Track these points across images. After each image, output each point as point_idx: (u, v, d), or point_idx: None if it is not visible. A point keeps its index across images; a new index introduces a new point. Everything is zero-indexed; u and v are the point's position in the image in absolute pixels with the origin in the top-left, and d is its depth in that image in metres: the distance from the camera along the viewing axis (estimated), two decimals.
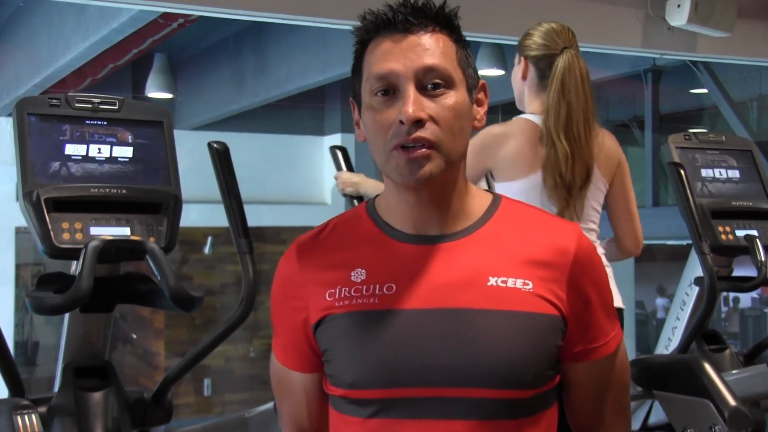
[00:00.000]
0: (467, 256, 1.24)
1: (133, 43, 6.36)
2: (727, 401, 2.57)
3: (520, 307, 1.20)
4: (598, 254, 1.31)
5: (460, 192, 1.27)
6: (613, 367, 1.31)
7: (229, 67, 8.20)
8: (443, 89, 1.22)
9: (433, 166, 1.20)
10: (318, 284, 1.28)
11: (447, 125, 1.21)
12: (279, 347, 1.35)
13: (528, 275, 1.22)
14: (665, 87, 8.76)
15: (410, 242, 1.26)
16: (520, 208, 1.33)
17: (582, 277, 1.25)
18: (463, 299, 1.21)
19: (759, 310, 10.63)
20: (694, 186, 2.86)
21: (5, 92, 7.69)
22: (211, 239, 9.01)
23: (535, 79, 2.43)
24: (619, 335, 1.32)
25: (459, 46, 1.26)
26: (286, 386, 1.35)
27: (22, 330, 8.74)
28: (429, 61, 1.21)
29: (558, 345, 1.23)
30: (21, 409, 1.98)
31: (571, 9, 4.22)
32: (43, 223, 1.93)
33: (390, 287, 1.23)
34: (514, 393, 1.19)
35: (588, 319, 1.26)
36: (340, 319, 1.24)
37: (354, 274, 1.26)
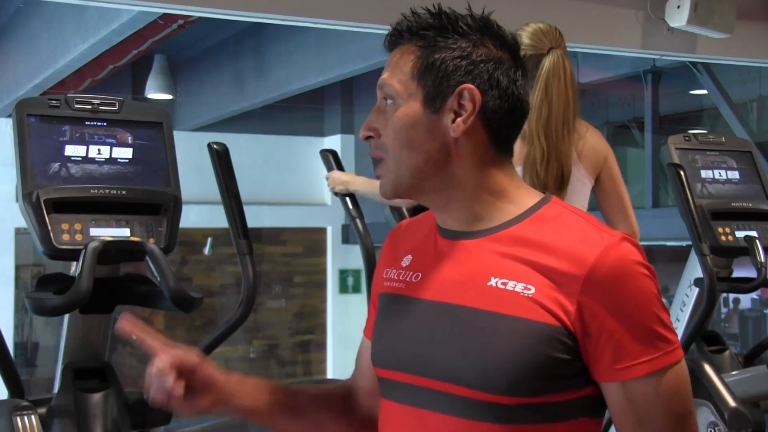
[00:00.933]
0: (480, 254, 1.24)
1: (132, 44, 6.37)
2: (727, 402, 2.57)
3: (514, 311, 1.17)
4: (638, 270, 1.18)
5: (476, 196, 1.26)
6: (656, 396, 1.18)
7: (228, 68, 8.20)
8: (391, 104, 1.25)
9: (385, 180, 1.27)
10: (386, 264, 1.37)
11: (389, 138, 1.25)
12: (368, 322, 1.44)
13: (534, 281, 1.18)
14: (665, 88, 8.76)
15: (444, 236, 1.30)
16: (564, 214, 1.26)
17: (599, 293, 1.16)
18: (463, 296, 1.21)
19: (759, 311, 10.63)
20: (693, 187, 2.86)
21: (5, 93, 7.69)
22: (210, 240, 9.02)
23: None
24: (661, 362, 1.17)
25: (427, 53, 1.24)
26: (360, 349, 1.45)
27: (21, 331, 8.74)
28: (381, 79, 1.27)
29: (558, 357, 1.16)
30: (21, 410, 1.98)
31: (571, 10, 4.22)
32: (43, 224, 1.93)
33: (418, 276, 1.29)
34: (489, 396, 1.17)
35: (607, 337, 1.16)
36: (382, 297, 1.35)
37: (405, 259, 1.33)
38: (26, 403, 2.01)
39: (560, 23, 2.46)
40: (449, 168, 1.25)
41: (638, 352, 1.16)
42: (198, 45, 8.26)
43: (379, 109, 1.27)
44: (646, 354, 1.17)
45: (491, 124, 1.24)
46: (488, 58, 1.24)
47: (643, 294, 1.17)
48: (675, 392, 1.20)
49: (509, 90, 1.24)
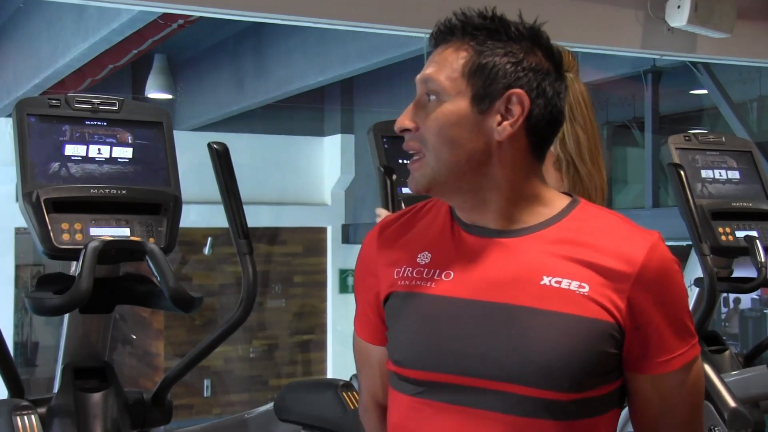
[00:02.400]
0: (526, 253, 1.24)
1: (132, 44, 6.37)
2: (727, 402, 2.57)
3: (571, 309, 1.20)
4: (676, 268, 1.26)
5: (507, 195, 1.27)
6: (682, 386, 1.27)
7: (228, 67, 8.20)
8: (435, 99, 1.25)
9: (419, 175, 1.26)
10: (389, 262, 1.33)
11: (430, 133, 1.24)
12: (358, 320, 1.41)
13: (586, 278, 1.21)
14: (665, 88, 8.76)
15: (475, 234, 1.28)
16: (597, 214, 1.31)
17: (648, 289, 1.22)
18: (514, 295, 1.21)
19: (759, 311, 10.63)
20: (694, 187, 2.86)
21: (5, 93, 7.69)
22: (210, 240, 9.01)
23: None
24: (690, 355, 1.26)
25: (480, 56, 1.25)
26: (364, 358, 1.42)
27: (21, 331, 8.74)
28: (425, 72, 1.26)
29: (609, 352, 1.21)
30: (20, 410, 1.98)
31: (572, 10, 4.22)
32: (43, 224, 1.93)
33: (448, 274, 1.27)
34: (551, 394, 1.19)
35: (650, 332, 1.22)
36: (401, 297, 1.30)
37: (420, 256, 1.30)
38: (26, 403, 2.01)
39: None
40: (488, 170, 1.26)
41: (676, 346, 1.25)
42: (198, 44, 8.26)
43: (419, 104, 1.26)
44: (681, 347, 1.25)
45: (534, 131, 1.27)
46: (538, 67, 1.27)
47: (681, 290, 1.27)
48: (696, 383, 1.29)
49: (553, 101, 1.27)
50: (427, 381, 1.24)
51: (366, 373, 1.43)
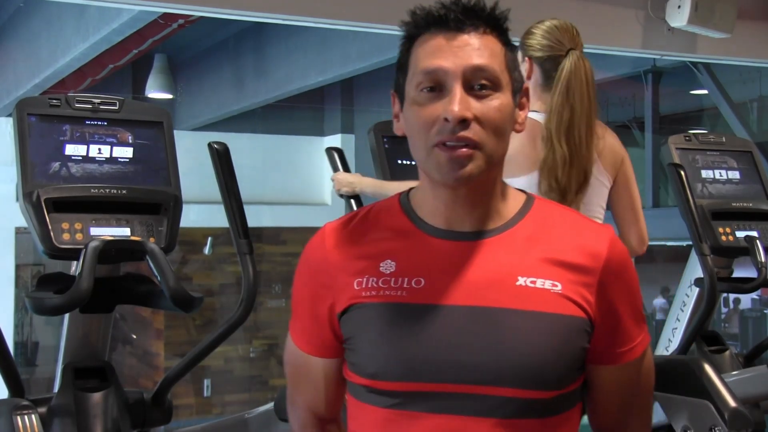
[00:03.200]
0: (498, 255, 1.24)
1: (133, 44, 6.37)
2: (727, 402, 2.57)
3: (548, 308, 1.21)
4: (630, 259, 1.30)
5: (495, 192, 1.27)
6: (638, 373, 1.31)
7: (229, 67, 8.20)
8: (490, 91, 1.21)
9: (474, 167, 1.20)
10: (347, 272, 1.27)
11: (491, 127, 1.21)
12: (299, 332, 1.34)
13: (557, 277, 1.22)
14: (665, 88, 8.76)
15: (442, 238, 1.26)
16: (553, 209, 1.33)
17: (612, 282, 1.25)
18: (492, 298, 1.21)
19: (759, 311, 10.64)
20: (694, 187, 2.86)
21: (5, 93, 7.69)
22: (210, 240, 9.01)
23: (539, 80, 2.40)
24: (646, 341, 1.31)
25: (507, 48, 1.26)
26: (304, 372, 1.35)
27: (21, 330, 8.73)
28: (478, 62, 1.21)
29: (584, 347, 1.23)
30: (21, 410, 1.98)
31: (572, 9, 4.22)
32: (43, 224, 1.93)
33: (419, 281, 1.23)
34: (538, 393, 1.20)
35: (615, 323, 1.25)
36: (367, 309, 1.24)
37: (383, 265, 1.26)
38: (26, 403, 2.01)
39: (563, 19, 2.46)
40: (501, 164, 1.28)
41: (636, 334, 1.28)
42: (198, 44, 8.26)
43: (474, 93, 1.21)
44: (639, 335, 1.29)
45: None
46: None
47: (636, 281, 1.30)
48: (650, 368, 1.34)
49: None
50: (406, 392, 1.21)
51: (306, 388, 1.36)
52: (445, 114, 1.19)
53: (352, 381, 1.27)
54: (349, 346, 1.27)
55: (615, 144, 2.48)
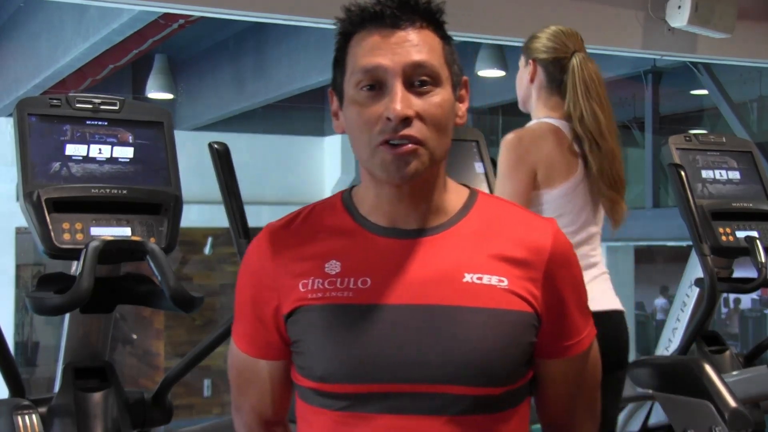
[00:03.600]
0: (443, 251, 1.23)
1: (133, 44, 6.37)
2: (728, 402, 2.57)
3: (495, 304, 1.20)
4: (574, 252, 1.30)
5: (440, 187, 1.26)
6: (585, 367, 1.32)
7: (229, 67, 8.20)
8: (430, 86, 1.20)
9: (419, 164, 1.19)
10: (291, 274, 1.25)
11: (434, 123, 1.19)
12: (243, 336, 1.31)
13: (503, 272, 1.22)
14: (665, 88, 8.76)
15: (387, 236, 1.24)
16: (497, 204, 1.33)
17: (557, 275, 1.25)
18: (439, 295, 1.20)
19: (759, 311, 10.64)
20: (694, 187, 2.86)
21: (6, 93, 7.69)
22: (211, 240, 9.02)
23: (544, 82, 2.39)
24: (592, 333, 1.32)
25: (445, 42, 1.25)
26: (250, 376, 1.32)
27: (22, 330, 8.74)
28: (417, 58, 1.19)
29: (532, 342, 1.23)
30: (21, 410, 1.98)
31: (572, 10, 4.22)
32: (44, 224, 1.93)
33: (365, 281, 1.22)
34: (487, 390, 1.19)
35: (562, 316, 1.26)
36: (313, 311, 1.22)
37: (328, 266, 1.23)
38: (27, 403, 2.01)
39: (561, 23, 2.46)
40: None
41: (582, 326, 1.29)
42: (199, 44, 8.26)
43: (415, 90, 1.19)
44: (585, 328, 1.30)
45: None
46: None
47: (581, 274, 1.31)
48: (597, 359, 1.34)
49: None
50: (357, 393, 1.19)
51: (252, 392, 1.33)
52: (387, 113, 1.17)
53: (301, 384, 1.25)
54: (296, 348, 1.25)
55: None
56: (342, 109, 1.26)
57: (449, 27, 1.28)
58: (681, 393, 2.72)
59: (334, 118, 1.30)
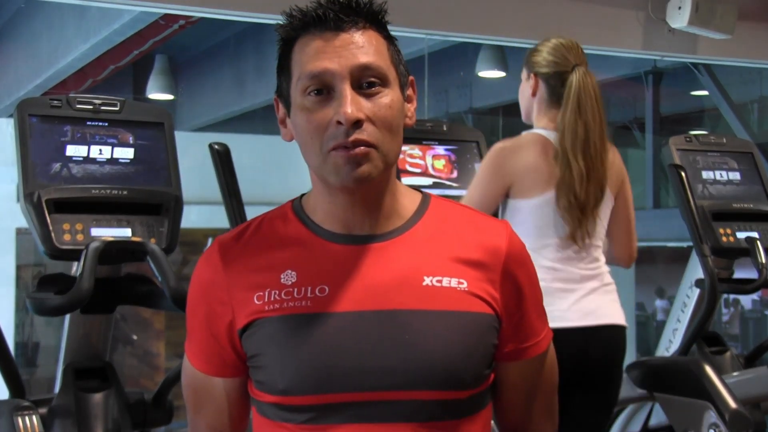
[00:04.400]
0: (401, 256, 1.21)
1: (134, 45, 6.37)
2: (728, 403, 2.57)
3: (456, 306, 1.19)
4: (528, 252, 1.29)
5: (392, 191, 1.24)
6: (543, 368, 1.31)
7: (230, 68, 8.20)
8: (379, 87, 1.18)
9: (372, 167, 1.16)
10: (245, 287, 1.21)
11: (385, 125, 1.17)
12: (197, 353, 1.27)
13: (462, 274, 1.21)
14: (666, 89, 8.76)
15: (342, 243, 1.22)
16: (450, 207, 1.31)
17: (514, 276, 1.24)
18: (399, 300, 1.18)
19: (760, 312, 10.63)
20: (694, 188, 2.86)
21: (6, 93, 7.69)
22: (211, 240, 9.01)
23: (545, 95, 2.40)
24: (549, 335, 1.31)
25: (389, 42, 1.23)
26: (205, 394, 1.29)
27: (22, 331, 8.73)
28: (364, 60, 1.17)
29: (494, 344, 1.22)
30: (21, 410, 1.98)
31: (573, 11, 4.22)
32: (44, 224, 1.93)
33: (323, 289, 1.19)
34: (453, 394, 1.18)
35: (520, 318, 1.25)
36: (271, 323, 1.19)
37: (284, 276, 1.20)
38: (27, 403, 2.01)
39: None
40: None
41: (539, 329, 1.28)
42: (199, 45, 8.26)
43: (363, 92, 1.17)
44: (542, 330, 1.29)
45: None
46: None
47: (536, 274, 1.30)
48: (554, 360, 1.33)
49: None
50: (321, 405, 1.16)
51: (208, 411, 1.29)
52: (337, 117, 1.15)
53: (261, 400, 1.22)
54: (254, 363, 1.21)
55: (619, 164, 2.49)
56: (290, 117, 1.25)
57: (452, 29, 1.28)
58: (681, 394, 2.72)
59: (281, 126, 1.28)
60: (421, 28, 3.84)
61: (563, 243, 2.32)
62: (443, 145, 2.81)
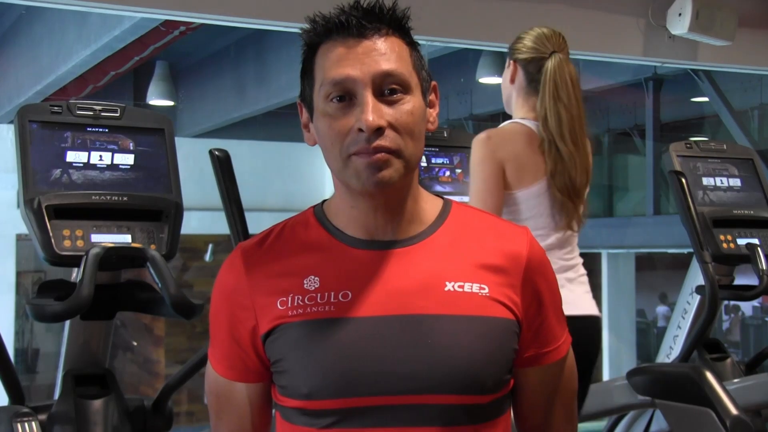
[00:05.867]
0: (423, 261, 1.22)
1: (134, 51, 6.38)
2: (729, 410, 2.56)
3: (478, 311, 1.20)
4: (548, 259, 1.31)
5: (414, 196, 1.26)
6: (562, 373, 1.31)
7: (230, 74, 8.21)
8: (401, 95, 1.19)
9: (393, 172, 1.18)
10: (268, 293, 1.23)
11: (406, 131, 1.18)
12: (220, 359, 1.29)
13: (484, 280, 1.22)
14: (666, 95, 8.77)
15: (364, 248, 1.23)
16: (471, 213, 1.32)
17: (535, 282, 1.25)
18: (421, 305, 1.19)
19: (760, 318, 10.63)
20: (695, 194, 2.86)
21: (7, 99, 7.70)
22: (211, 247, 9.01)
23: (523, 83, 2.42)
24: (569, 340, 1.32)
25: (412, 48, 1.25)
26: (228, 399, 1.30)
27: (22, 337, 8.73)
28: (386, 67, 1.18)
29: (514, 349, 1.23)
30: (21, 417, 1.98)
31: (574, 17, 4.23)
32: (44, 231, 1.93)
33: (345, 294, 1.20)
34: (475, 398, 1.19)
35: (540, 323, 1.26)
36: (294, 328, 1.20)
37: (307, 282, 1.21)
38: (27, 410, 2.01)
39: (562, 30, 2.46)
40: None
41: (559, 334, 1.29)
42: (200, 51, 8.27)
43: (385, 99, 1.19)
44: (562, 335, 1.30)
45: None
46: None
47: (555, 280, 1.31)
48: (573, 366, 1.34)
49: None
50: (344, 409, 1.17)
51: (231, 416, 1.30)
52: (358, 124, 1.16)
53: (284, 405, 1.23)
54: (277, 368, 1.22)
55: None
56: (312, 122, 1.25)
57: (453, 35, 1.28)
58: (682, 401, 2.71)
59: (304, 130, 1.28)
60: (421, 34, 3.83)
61: (547, 232, 2.32)
62: (444, 152, 2.81)
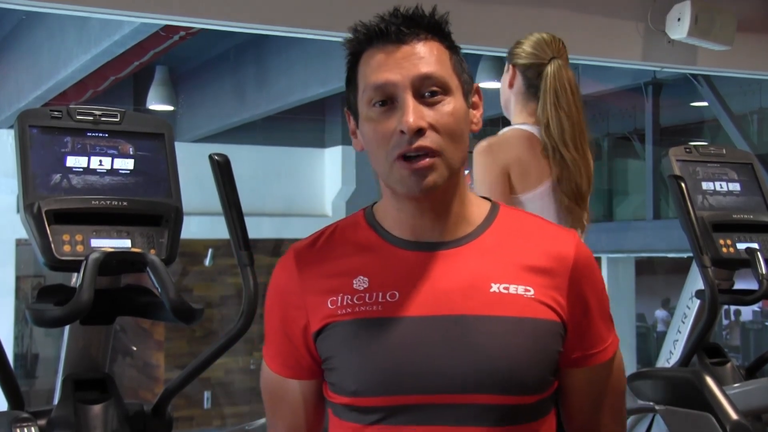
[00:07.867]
0: (469, 262, 1.25)
1: (134, 56, 6.38)
2: (729, 415, 2.56)
3: (523, 312, 1.22)
4: (596, 261, 1.33)
5: (461, 198, 1.28)
6: (610, 374, 1.33)
7: (230, 79, 8.22)
8: (441, 96, 1.22)
9: (437, 176, 1.21)
10: (319, 292, 1.27)
11: (447, 132, 1.21)
12: (274, 357, 1.33)
13: (529, 282, 1.24)
14: (665, 100, 8.78)
15: (412, 249, 1.26)
16: (519, 216, 1.35)
17: (581, 284, 1.27)
18: (466, 306, 1.21)
19: (760, 323, 10.63)
20: (694, 199, 2.86)
21: (7, 104, 7.70)
22: (211, 251, 9.02)
23: (522, 88, 2.43)
24: (616, 342, 1.33)
25: (452, 52, 1.27)
26: (282, 396, 1.34)
27: (21, 342, 8.73)
28: (425, 70, 1.22)
29: (558, 350, 1.25)
30: (20, 422, 1.97)
31: (572, 22, 4.23)
32: (44, 235, 1.93)
33: (393, 294, 1.23)
34: (519, 399, 1.20)
35: (587, 325, 1.27)
36: (343, 326, 1.24)
37: (356, 282, 1.26)
38: (26, 415, 2.01)
39: (561, 35, 2.47)
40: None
41: (607, 335, 1.31)
42: (199, 56, 8.28)
43: (425, 101, 1.22)
44: (609, 337, 1.31)
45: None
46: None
47: (602, 282, 1.33)
48: (621, 368, 1.36)
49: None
50: (389, 406, 1.21)
51: (285, 412, 1.34)
52: (400, 126, 1.20)
53: (334, 401, 1.27)
54: (327, 366, 1.26)
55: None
56: (358, 128, 1.29)
57: None
58: (682, 405, 2.71)
59: (352, 136, 1.33)
60: None
61: None
62: None
